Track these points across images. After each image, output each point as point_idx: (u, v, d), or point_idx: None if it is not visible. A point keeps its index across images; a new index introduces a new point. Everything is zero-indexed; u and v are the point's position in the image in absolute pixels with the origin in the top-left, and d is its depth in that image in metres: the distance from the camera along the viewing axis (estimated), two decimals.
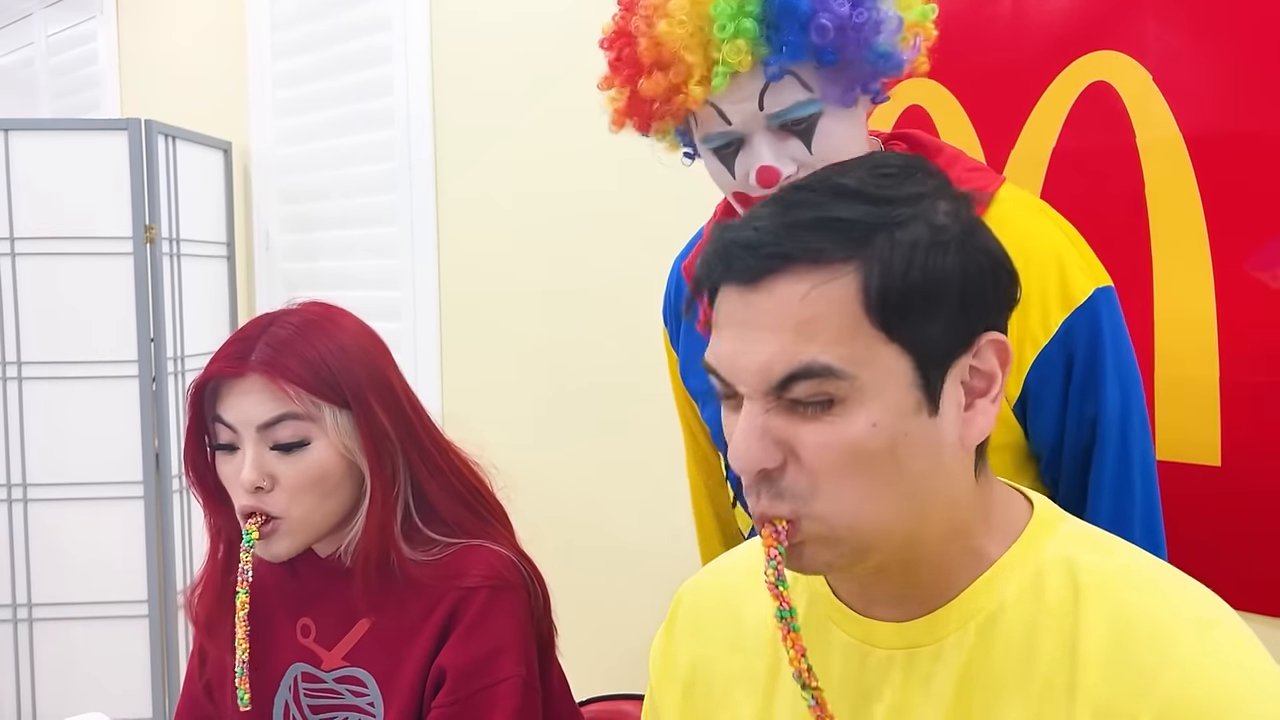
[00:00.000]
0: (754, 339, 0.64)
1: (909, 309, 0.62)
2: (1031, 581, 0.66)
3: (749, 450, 0.64)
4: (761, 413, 0.64)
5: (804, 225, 0.63)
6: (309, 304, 1.09)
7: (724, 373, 0.66)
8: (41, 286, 2.31)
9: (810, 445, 0.63)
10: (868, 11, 0.92)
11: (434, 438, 1.09)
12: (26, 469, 2.33)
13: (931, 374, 0.63)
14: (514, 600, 1.03)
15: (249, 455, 1.00)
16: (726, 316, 0.66)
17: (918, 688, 0.67)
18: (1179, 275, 1.24)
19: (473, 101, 2.15)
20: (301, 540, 1.04)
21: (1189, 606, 0.63)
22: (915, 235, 0.63)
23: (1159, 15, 1.24)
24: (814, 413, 0.63)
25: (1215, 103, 1.21)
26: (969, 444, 0.66)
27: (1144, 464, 0.99)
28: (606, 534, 1.98)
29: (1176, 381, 1.25)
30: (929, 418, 0.63)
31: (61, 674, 2.36)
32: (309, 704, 1.08)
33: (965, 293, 0.63)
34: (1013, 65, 1.36)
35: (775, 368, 0.63)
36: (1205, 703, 0.58)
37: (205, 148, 2.59)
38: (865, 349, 0.62)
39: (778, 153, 0.96)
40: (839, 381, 0.62)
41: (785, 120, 0.95)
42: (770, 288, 0.63)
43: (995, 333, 0.65)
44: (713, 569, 0.86)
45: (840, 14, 0.91)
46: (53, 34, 3.40)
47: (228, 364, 1.02)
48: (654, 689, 0.84)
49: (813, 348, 0.62)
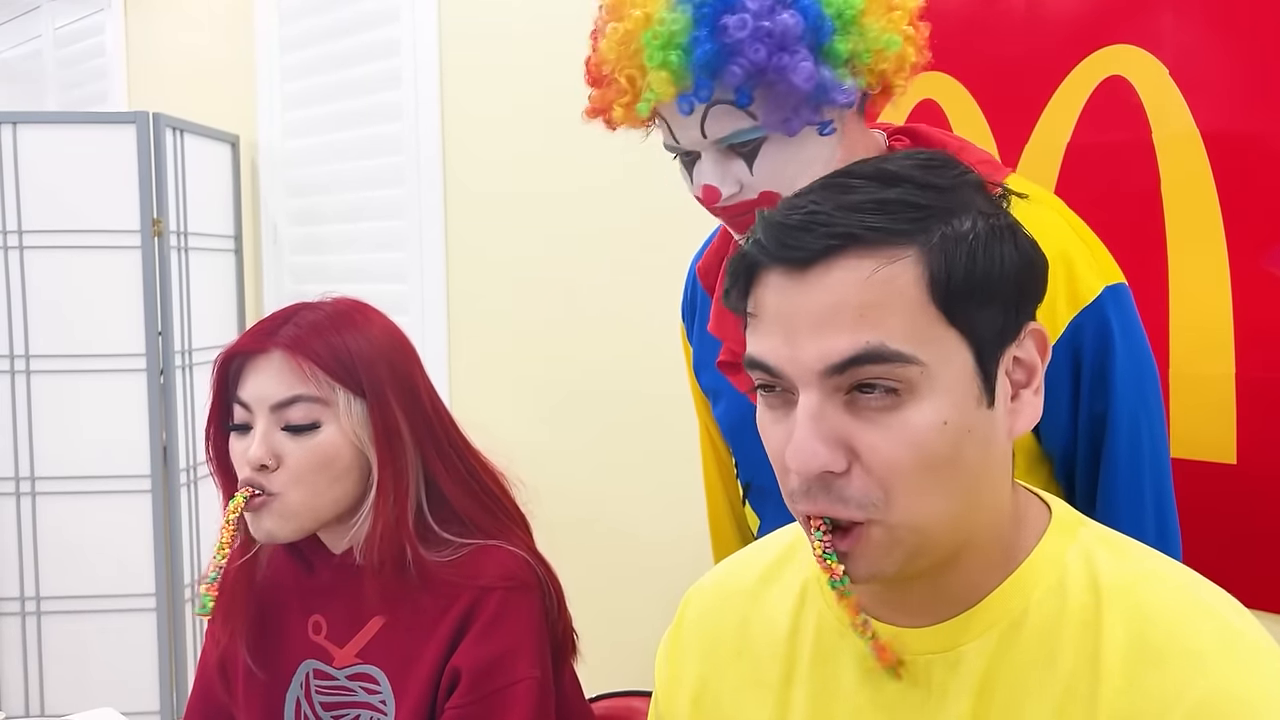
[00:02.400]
0: (811, 325, 0.61)
1: (970, 294, 0.61)
2: (1054, 587, 0.65)
3: (813, 451, 0.60)
4: (819, 407, 0.61)
5: (862, 207, 0.61)
6: (343, 298, 1.09)
7: (773, 364, 0.62)
8: (49, 280, 2.32)
9: (879, 447, 0.60)
10: (785, 58, 0.90)
11: (454, 440, 1.09)
12: (35, 462, 2.33)
13: (988, 363, 0.62)
14: (529, 601, 1.03)
15: (259, 432, 1.01)
16: (774, 306, 0.63)
17: (935, 696, 0.66)
18: (1195, 271, 1.23)
19: (481, 95, 2.15)
20: (296, 526, 1.03)
21: (1210, 612, 0.62)
22: (971, 222, 0.62)
23: (1175, 9, 1.23)
24: (878, 407, 0.60)
25: (1232, 98, 1.20)
26: (1016, 435, 0.65)
27: (1155, 462, 0.98)
28: (616, 529, 1.97)
29: (1192, 379, 1.24)
30: (987, 409, 0.62)
31: (70, 667, 2.37)
32: (320, 701, 1.07)
33: (1019, 281, 0.63)
34: (1027, 59, 1.35)
35: (838, 351, 0.60)
36: (1230, 708, 0.58)
37: (213, 141, 2.59)
38: (930, 334, 0.60)
39: (721, 173, 0.97)
40: (908, 368, 0.60)
41: (729, 144, 0.95)
42: (826, 270, 0.61)
43: (1035, 322, 0.65)
44: (719, 573, 0.84)
45: (755, 60, 0.90)
46: (60, 27, 3.40)
47: (253, 339, 1.04)
48: (660, 697, 0.83)
49: (880, 332, 0.60)
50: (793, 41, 0.90)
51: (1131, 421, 0.96)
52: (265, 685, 1.10)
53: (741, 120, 0.94)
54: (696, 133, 0.95)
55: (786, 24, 0.90)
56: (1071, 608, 0.64)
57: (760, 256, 0.63)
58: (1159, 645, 0.61)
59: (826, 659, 0.71)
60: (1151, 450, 0.97)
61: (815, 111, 0.94)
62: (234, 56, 2.76)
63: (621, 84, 0.95)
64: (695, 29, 0.91)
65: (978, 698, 0.64)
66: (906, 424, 0.60)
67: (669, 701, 0.81)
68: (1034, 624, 0.64)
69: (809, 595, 0.74)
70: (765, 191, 0.96)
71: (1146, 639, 0.61)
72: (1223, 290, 1.21)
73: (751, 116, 0.93)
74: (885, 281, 0.60)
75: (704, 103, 0.93)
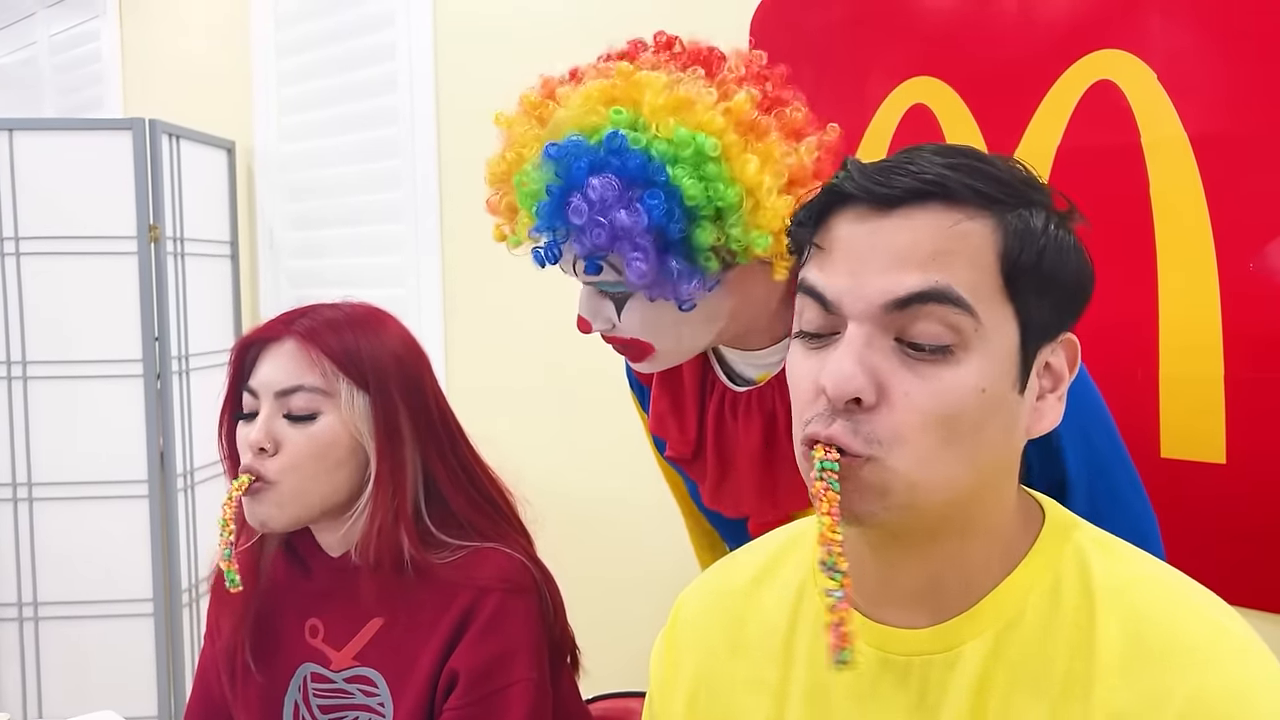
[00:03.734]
0: (884, 262, 0.62)
1: (1033, 278, 0.63)
2: (1050, 588, 0.66)
3: (852, 374, 0.61)
4: (869, 339, 0.62)
5: (957, 167, 0.63)
6: (361, 304, 1.12)
7: (831, 295, 0.63)
8: (46, 286, 2.32)
9: (913, 393, 0.61)
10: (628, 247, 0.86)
11: (457, 445, 1.11)
12: (32, 468, 2.33)
13: (1029, 351, 0.64)
14: (526, 603, 1.04)
15: (261, 417, 1.03)
16: (847, 240, 0.64)
17: (933, 697, 0.67)
18: (1183, 273, 1.24)
19: (477, 98, 2.15)
20: (290, 514, 1.04)
21: (1201, 612, 0.63)
22: (1045, 216, 0.64)
23: (1164, 14, 1.24)
24: (926, 360, 0.61)
25: (1220, 101, 1.21)
26: (1036, 433, 0.66)
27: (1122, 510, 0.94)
28: (612, 529, 1.98)
29: (1181, 379, 1.25)
30: (1018, 395, 0.64)
31: (68, 672, 2.37)
32: (318, 704, 1.08)
33: (1074, 284, 0.65)
34: (1017, 64, 1.36)
35: (906, 286, 0.61)
36: (1223, 702, 0.59)
37: (209, 146, 2.59)
38: (991, 299, 0.62)
39: (593, 309, 0.96)
40: (967, 319, 0.61)
41: (597, 286, 0.95)
42: (910, 213, 0.62)
43: (1070, 334, 0.66)
44: (715, 573, 0.84)
45: (598, 244, 0.87)
46: (55, 33, 3.40)
47: (270, 327, 1.07)
48: (655, 697, 0.83)
49: (950, 276, 0.61)
50: (636, 235, 0.86)
51: (1088, 487, 0.93)
52: (263, 688, 1.11)
53: (608, 272, 0.91)
54: (570, 267, 0.95)
55: (623, 223, 0.86)
56: (1066, 609, 0.64)
57: (848, 188, 0.64)
58: (1152, 644, 0.61)
59: (824, 660, 0.71)
60: (1110, 502, 0.94)
61: (672, 290, 0.90)
62: (230, 62, 2.77)
63: (500, 207, 0.98)
64: (547, 196, 0.89)
65: (975, 698, 0.65)
66: (948, 379, 0.61)
67: (664, 701, 0.81)
68: (1029, 625, 0.65)
69: (806, 594, 0.75)
70: (634, 340, 0.95)
71: (1140, 639, 0.62)
72: (1211, 292, 1.22)
73: (617, 270, 0.91)
74: (964, 235, 0.62)
75: (552, 263, 0.93)
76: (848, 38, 1.52)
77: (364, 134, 2.40)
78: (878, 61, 1.49)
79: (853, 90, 1.51)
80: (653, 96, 0.87)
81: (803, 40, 1.57)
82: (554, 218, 0.89)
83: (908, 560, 0.67)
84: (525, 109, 0.96)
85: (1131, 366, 1.28)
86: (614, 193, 0.86)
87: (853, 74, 1.51)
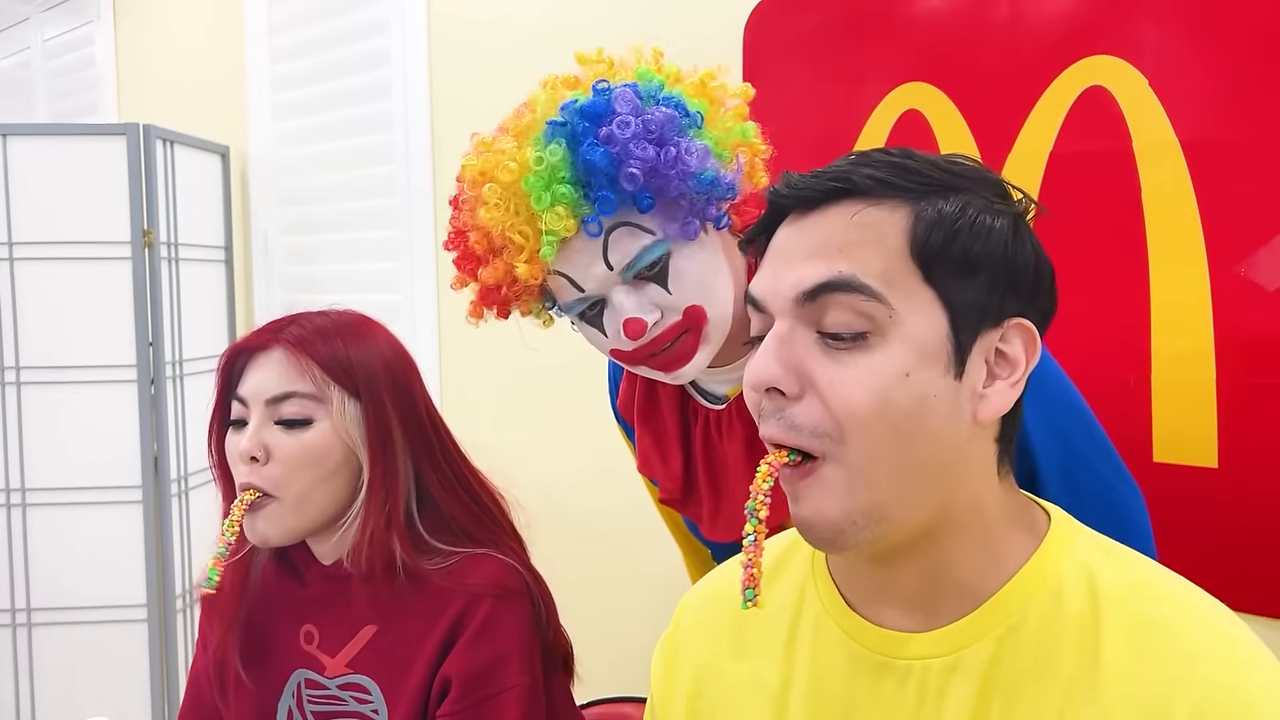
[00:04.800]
0: (797, 258, 0.65)
1: (951, 260, 0.63)
2: (1053, 594, 0.65)
3: (766, 364, 0.64)
4: (788, 332, 0.64)
5: (872, 164, 0.65)
6: (349, 310, 1.12)
7: (757, 295, 0.67)
8: (40, 291, 2.31)
9: (836, 383, 0.62)
10: (674, 148, 0.91)
11: (449, 451, 1.11)
12: (25, 473, 2.32)
13: (962, 335, 0.64)
14: (519, 608, 1.04)
15: (251, 426, 1.03)
16: (776, 246, 0.68)
17: (932, 700, 0.66)
18: (1175, 278, 1.25)
19: (471, 104, 2.16)
20: (291, 527, 1.04)
21: (1207, 619, 0.63)
22: (970, 199, 0.65)
23: (1155, 20, 1.25)
24: (845, 348, 0.63)
25: (1211, 107, 1.22)
26: (982, 420, 0.65)
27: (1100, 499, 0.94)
28: (606, 534, 1.98)
29: (1173, 384, 1.25)
30: (955, 380, 0.63)
31: (61, 678, 2.36)
32: (312, 710, 1.08)
33: (1006, 267, 0.65)
34: (1009, 69, 1.36)
35: (811, 278, 0.63)
36: (1229, 709, 0.58)
37: (203, 152, 2.59)
38: (904, 283, 0.63)
39: (639, 303, 0.96)
40: (876, 306, 0.62)
41: (637, 271, 0.95)
42: (824, 213, 0.65)
43: (1024, 320, 0.66)
44: (714, 579, 0.84)
45: (646, 158, 0.90)
46: (50, 38, 3.40)
47: (258, 336, 1.06)
48: (655, 700, 0.83)
49: (855, 266, 0.63)
50: (672, 133, 0.91)
51: (1064, 476, 0.94)
52: (257, 695, 1.10)
53: (643, 238, 0.94)
54: (600, 267, 0.95)
55: (663, 117, 0.91)
56: (1069, 614, 0.64)
57: (778, 200, 0.68)
58: (1157, 651, 0.61)
59: (825, 663, 0.71)
60: (1095, 489, 0.95)
61: (707, 205, 0.94)
62: (224, 67, 2.77)
63: (516, 241, 0.94)
64: (576, 151, 0.91)
65: (977, 702, 0.65)
66: (867, 366, 0.62)
67: (665, 705, 0.81)
68: (1032, 630, 0.65)
69: (807, 599, 0.75)
70: (690, 308, 0.96)
71: (1145, 645, 0.62)
72: (1203, 297, 1.23)
73: (650, 232, 0.93)
74: (868, 224, 0.64)
75: (608, 215, 0.92)
76: (841, 43, 1.53)
77: (358, 140, 2.40)
78: (871, 67, 1.49)
79: (846, 96, 1.51)
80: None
81: (796, 45, 1.58)
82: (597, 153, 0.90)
83: (897, 566, 0.67)
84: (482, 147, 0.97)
85: (1124, 371, 1.28)
86: (635, 101, 0.91)
87: (846, 79, 1.51)
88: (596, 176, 0.91)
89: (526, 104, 0.98)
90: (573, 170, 0.92)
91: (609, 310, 0.97)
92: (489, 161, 0.94)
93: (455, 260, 1.03)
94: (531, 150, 0.92)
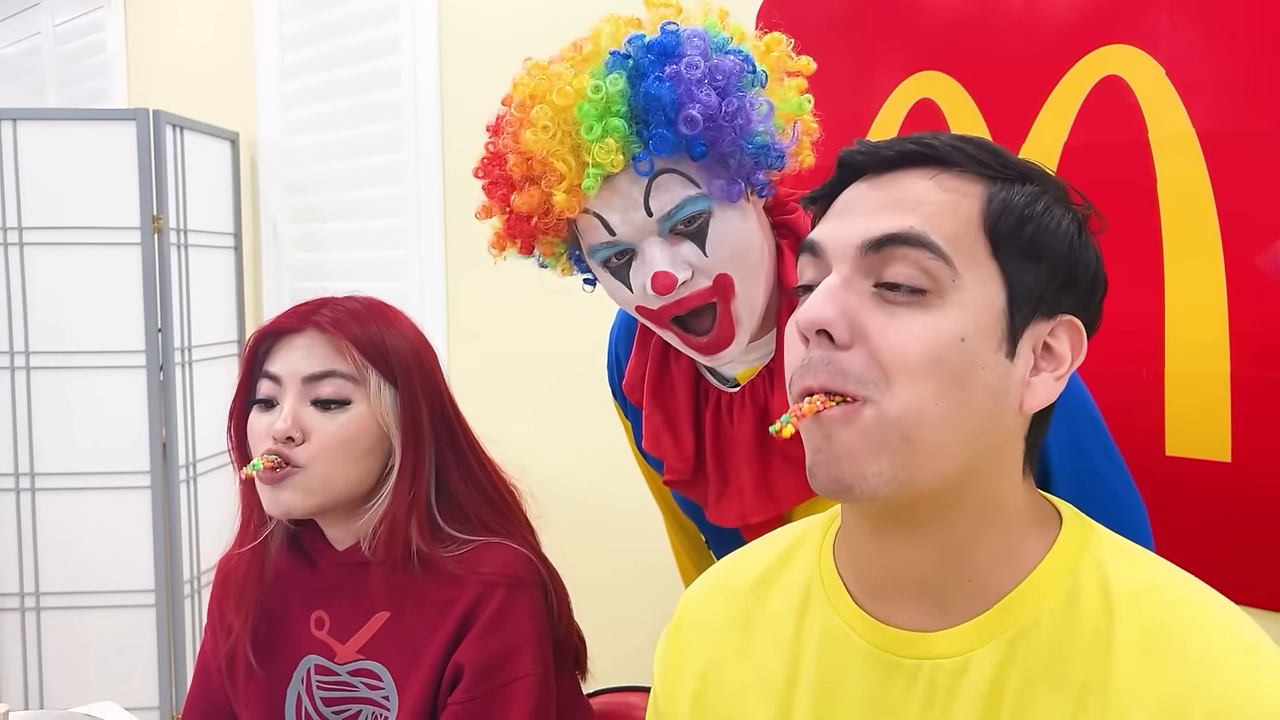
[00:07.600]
0: (868, 211, 0.66)
1: (1019, 243, 0.64)
2: (1066, 595, 0.64)
3: (822, 306, 0.63)
4: (846, 280, 0.64)
5: (956, 140, 0.67)
6: (371, 298, 1.11)
7: (818, 239, 0.67)
8: (49, 276, 2.32)
9: (889, 335, 0.62)
10: (737, 100, 0.90)
11: (467, 439, 1.11)
12: (35, 459, 2.33)
13: (1017, 316, 0.64)
14: (532, 598, 1.04)
15: (287, 405, 1.02)
16: (844, 203, 0.68)
17: (941, 700, 0.65)
18: (1190, 271, 1.24)
19: (481, 92, 2.14)
20: (314, 501, 1.03)
21: (1222, 623, 0.62)
22: (1040, 194, 0.66)
23: (1172, 9, 1.24)
24: (902, 302, 0.63)
25: (1228, 98, 1.20)
26: (1027, 409, 0.65)
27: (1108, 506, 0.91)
28: (617, 524, 1.98)
29: (1187, 377, 1.24)
30: (1005, 359, 0.63)
31: (69, 662, 2.37)
32: (322, 696, 1.08)
33: (1068, 263, 0.66)
34: (1024, 58, 1.35)
35: (879, 227, 0.64)
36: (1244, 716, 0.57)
37: (213, 138, 2.59)
38: (972, 250, 0.63)
39: (672, 258, 0.92)
40: (940, 265, 0.62)
41: (675, 223, 0.92)
42: (900, 175, 0.66)
43: (1075, 319, 0.66)
44: (717, 574, 0.83)
45: (709, 103, 0.88)
46: (60, 23, 3.40)
47: (290, 319, 1.06)
48: (659, 695, 0.82)
49: (923, 222, 0.63)
50: (737, 85, 0.90)
51: (1075, 480, 0.93)
52: (266, 681, 1.11)
53: (688, 188, 0.91)
54: (640, 213, 0.92)
55: (731, 65, 0.90)
56: (1083, 617, 0.63)
57: (852, 160, 0.69)
58: (1171, 655, 0.60)
59: (832, 661, 0.70)
60: (1103, 498, 0.93)
61: (755, 169, 0.93)
62: (234, 53, 2.76)
63: (558, 169, 0.90)
64: (638, 86, 0.89)
65: (986, 704, 0.64)
66: (924, 323, 0.62)
67: (669, 700, 0.80)
68: (1045, 633, 0.64)
69: (813, 595, 0.74)
70: (721, 275, 0.94)
71: (1158, 649, 0.61)
72: (1218, 289, 1.22)
73: (696, 184, 0.91)
74: (947, 189, 0.65)
75: (662, 155, 0.90)
76: (854, 31, 1.52)
77: (368, 127, 2.40)
78: (884, 56, 1.48)
79: (859, 85, 1.50)
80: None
81: (809, 34, 1.56)
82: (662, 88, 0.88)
83: (910, 545, 0.66)
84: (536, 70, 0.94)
85: (1137, 364, 1.27)
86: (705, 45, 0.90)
87: (859, 68, 1.50)
88: (655, 114, 0.89)
89: (588, 37, 0.95)
90: (630, 104, 0.89)
91: (638, 261, 0.94)
92: (542, 85, 0.91)
93: (485, 186, 1.00)
94: (590, 78, 0.90)
